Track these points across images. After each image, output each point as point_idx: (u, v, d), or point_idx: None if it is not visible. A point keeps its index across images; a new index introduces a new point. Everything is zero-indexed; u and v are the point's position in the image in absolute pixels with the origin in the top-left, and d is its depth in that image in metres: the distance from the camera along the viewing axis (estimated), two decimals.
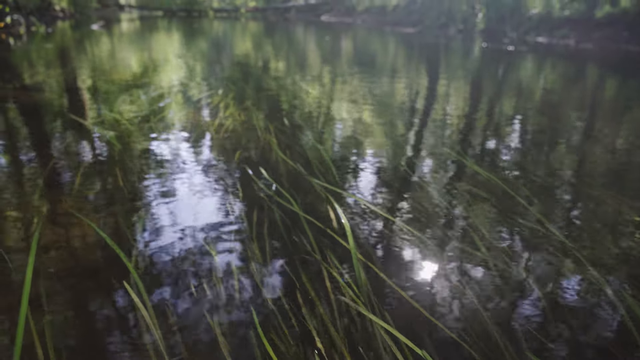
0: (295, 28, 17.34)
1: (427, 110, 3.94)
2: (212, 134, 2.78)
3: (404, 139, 2.91)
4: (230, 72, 5.98)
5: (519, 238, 1.67)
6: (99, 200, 1.83)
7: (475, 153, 2.77)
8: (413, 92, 4.74)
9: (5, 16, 12.44)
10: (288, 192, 1.95)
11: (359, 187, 2.08)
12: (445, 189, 2.14)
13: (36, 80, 4.51)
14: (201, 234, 1.60)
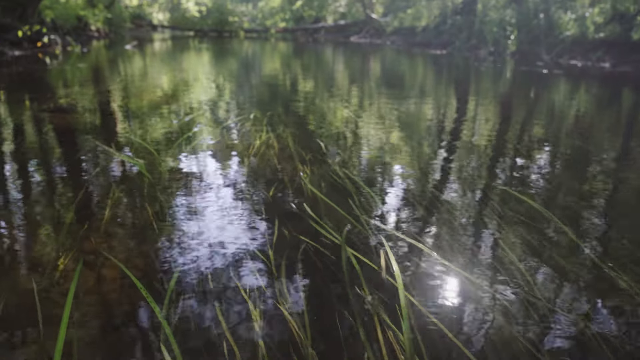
0: (324, 48, 17.40)
1: (459, 133, 3.84)
2: (245, 164, 2.69)
3: (437, 164, 2.80)
4: (260, 93, 5.96)
5: (570, 273, 1.54)
6: (129, 238, 1.76)
7: (506, 177, 2.70)
8: (445, 114, 4.63)
9: (42, 36, 12.73)
10: (331, 230, 1.86)
11: (405, 222, 1.97)
12: (480, 215, 2.03)
13: (70, 101, 4.52)
14: (235, 278, 1.51)
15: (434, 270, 1.60)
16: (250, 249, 1.70)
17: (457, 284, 1.53)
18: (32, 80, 6.40)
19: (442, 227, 1.95)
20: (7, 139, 3.15)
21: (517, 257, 1.71)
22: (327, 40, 22.29)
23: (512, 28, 14.21)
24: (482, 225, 1.99)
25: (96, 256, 1.60)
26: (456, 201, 2.25)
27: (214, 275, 1.52)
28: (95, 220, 1.88)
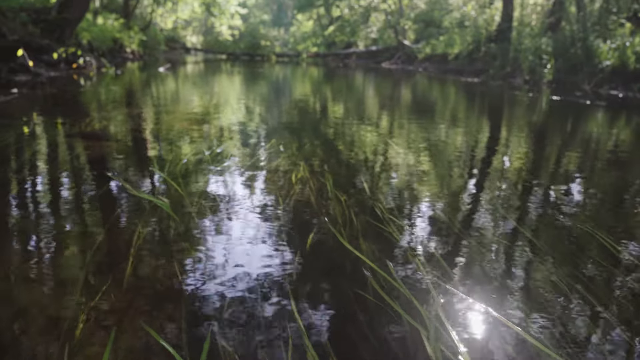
0: (355, 74, 17.34)
1: (492, 162, 3.63)
2: (279, 207, 2.47)
3: (493, 208, 2.56)
4: (292, 119, 5.81)
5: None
6: (153, 297, 1.56)
7: (537, 211, 2.59)
8: (492, 146, 4.40)
9: (78, 58, 12.93)
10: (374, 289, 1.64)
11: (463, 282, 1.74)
12: (509, 252, 1.80)
13: (100, 126, 4.43)
14: (276, 349, 1.31)
15: (503, 338, 1.36)
16: (290, 315, 1.49)
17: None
18: (65, 103, 6.39)
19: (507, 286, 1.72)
20: (29, 167, 3.01)
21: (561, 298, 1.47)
22: (358, 66, 22.27)
23: (549, 56, 13.91)
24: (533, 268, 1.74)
25: (119, 320, 1.42)
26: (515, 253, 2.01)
27: (246, 343, 1.32)
28: (117, 272, 1.70)
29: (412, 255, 1.93)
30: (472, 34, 19.13)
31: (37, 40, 11.84)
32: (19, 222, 2.15)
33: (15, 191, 2.56)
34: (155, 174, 2.91)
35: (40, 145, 3.70)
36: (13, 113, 5.12)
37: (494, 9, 19.96)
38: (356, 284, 1.67)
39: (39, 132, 4.22)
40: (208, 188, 2.71)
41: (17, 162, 3.14)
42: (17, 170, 2.94)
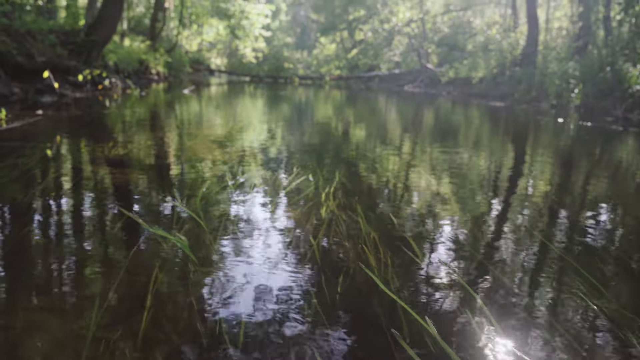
0: (377, 97, 17.27)
1: (530, 192, 3.48)
2: (307, 247, 2.31)
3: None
4: (316, 144, 5.67)
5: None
6: (171, 355, 1.42)
7: (562, 238, 2.53)
8: (515, 171, 4.23)
9: (104, 79, 13.08)
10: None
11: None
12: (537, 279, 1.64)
13: (121, 152, 4.34)
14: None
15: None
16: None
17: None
18: (88, 125, 6.37)
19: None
20: (43, 197, 2.89)
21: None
22: (380, 89, 22.22)
23: (576, 81, 13.66)
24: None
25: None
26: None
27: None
28: (132, 323, 1.56)
29: (451, 302, 1.77)
30: (497, 57, 18.97)
31: (64, 61, 12.01)
32: (25, 261, 2.03)
33: (24, 224, 2.44)
34: (176, 207, 2.77)
35: (58, 172, 3.62)
36: (36, 135, 5.09)
37: (519, 32, 19.80)
38: (391, 335, 1.52)
39: (58, 157, 4.16)
40: (231, 224, 2.56)
41: (32, 190, 3.03)
42: (30, 200, 2.83)
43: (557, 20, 22.41)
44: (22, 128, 5.32)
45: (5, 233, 2.34)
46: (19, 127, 5.33)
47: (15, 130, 5.16)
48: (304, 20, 54.00)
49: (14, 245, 2.17)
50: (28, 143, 4.52)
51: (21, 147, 4.30)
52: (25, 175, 3.33)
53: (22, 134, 5.02)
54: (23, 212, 2.60)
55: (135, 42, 21.96)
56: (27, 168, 3.51)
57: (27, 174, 3.36)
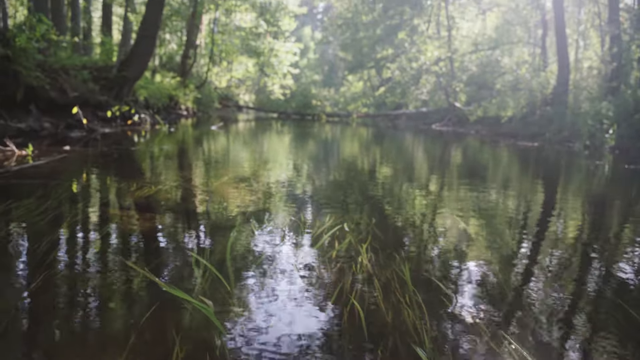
0: (404, 135, 17.13)
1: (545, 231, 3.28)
2: (340, 312, 2.11)
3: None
4: (344, 185, 5.47)
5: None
6: None
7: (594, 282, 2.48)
8: (554, 214, 3.99)
9: (133, 115, 13.24)
10: None
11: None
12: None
13: (145, 192, 4.25)
14: None
15: None
16: None
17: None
18: (114, 163, 6.30)
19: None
20: (54, 247, 2.76)
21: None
22: (408, 127, 22.10)
23: (610, 121, 13.33)
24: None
25: None
26: None
27: None
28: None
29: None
30: (526, 96, 18.74)
31: (96, 96, 12.21)
32: (22, 326, 1.89)
33: (32, 276, 2.30)
34: (199, 262, 2.56)
35: (77, 216, 3.49)
36: (60, 174, 5.02)
37: (549, 72, 19.59)
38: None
39: (79, 199, 4.05)
40: (260, 284, 2.35)
41: (45, 237, 2.90)
42: (41, 248, 2.70)
43: (586, 60, 22.16)
44: (47, 165, 5.29)
45: (8, 288, 2.20)
46: (44, 164, 5.30)
47: (40, 168, 5.12)
48: (331, 58, 54.67)
49: (16, 300, 2.03)
50: (51, 181, 4.45)
51: (43, 186, 4.23)
52: (41, 219, 3.22)
53: (47, 172, 4.98)
54: (32, 262, 2.48)
55: (166, 78, 22.36)
56: (44, 210, 3.41)
57: (43, 217, 3.26)
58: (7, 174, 4.54)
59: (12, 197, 3.75)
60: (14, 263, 2.45)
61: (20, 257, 2.56)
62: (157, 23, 14.99)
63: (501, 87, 22.22)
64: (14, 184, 4.31)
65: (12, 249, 2.65)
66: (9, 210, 3.35)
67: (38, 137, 8.41)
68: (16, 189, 4.18)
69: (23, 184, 4.36)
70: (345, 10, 37.90)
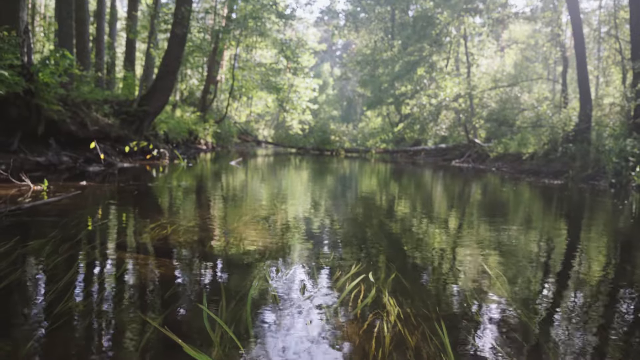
0: (423, 171, 16.92)
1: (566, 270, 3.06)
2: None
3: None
4: (362, 224, 5.23)
5: None
6: None
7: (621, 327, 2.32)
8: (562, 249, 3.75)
9: (152, 149, 13.27)
10: None
11: None
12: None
13: (159, 233, 4.10)
14: None
15: None
16: None
17: None
18: (129, 200, 6.19)
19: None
20: (58, 298, 2.56)
21: None
22: (427, 163, 21.90)
23: (636, 159, 13.01)
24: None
25: None
26: None
27: None
28: None
29: None
30: (548, 133, 18.49)
31: (116, 130, 12.27)
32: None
33: (29, 334, 2.15)
34: (212, 319, 2.35)
35: (86, 259, 3.33)
36: (73, 211, 4.88)
37: (570, 108, 19.37)
38: None
39: (89, 240, 3.87)
40: (276, 346, 2.15)
41: (48, 283, 2.75)
42: (43, 298, 2.55)
43: (607, 96, 21.91)
44: (61, 202, 5.18)
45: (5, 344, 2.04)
46: (58, 201, 5.20)
47: (53, 205, 5.01)
48: (350, 94, 55.07)
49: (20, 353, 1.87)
50: (63, 219, 4.32)
51: (54, 224, 4.11)
52: (48, 263, 3.08)
53: (60, 209, 4.87)
54: (35, 316, 2.32)
55: (186, 113, 22.60)
56: (51, 252, 3.27)
57: (49, 261, 3.11)
58: (19, 211, 4.43)
59: (20, 236, 3.62)
60: (15, 318, 2.30)
61: (23, 307, 2.40)
62: (178, 59, 15.16)
63: (522, 123, 22.02)
64: (25, 222, 4.19)
65: (13, 297, 2.50)
66: (12, 251, 3.20)
67: (56, 171, 8.40)
68: (26, 228, 4.06)
69: (34, 221, 4.25)
70: (365, 47, 38.28)
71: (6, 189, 5.75)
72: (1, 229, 3.83)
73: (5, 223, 4.02)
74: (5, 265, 2.90)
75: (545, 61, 33.38)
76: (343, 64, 44.80)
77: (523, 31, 36.23)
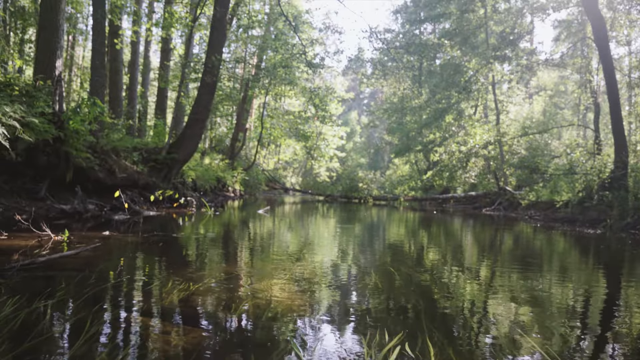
0: (453, 220, 16.50)
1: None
2: None
3: None
4: (391, 279, 4.91)
5: None
6: None
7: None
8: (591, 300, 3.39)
9: (180, 197, 13.23)
10: None
11: None
12: None
13: (181, 293, 3.88)
14: None
15: None
16: None
17: None
18: (152, 252, 5.96)
19: None
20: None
21: None
22: (456, 211, 21.43)
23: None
24: None
25: None
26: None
27: None
28: None
29: None
30: (582, 181, 17.97)
31: (144, 178, 12.30)
32: None
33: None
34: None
35: (95, 323, 3.06)
36: (91, 265, 4.67)
37: (605, 155, 18.86)
38: None
39: (102, 299, 3.62)
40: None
41: (50, 355, 2.53)
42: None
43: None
44: (80, 255, 5.00)
45: None
46: (76, 254, 5.00)
47: (71, 258, 4.83)
48: (377, 141, 55.15)
49: None
50: (78, 275, 4.12)
51: (67, 280, 3.91)
52: (51, 328, 2.88)
53: (77, 263, 4.68)
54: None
55: (214, 160, 22.74)
56: (58, 316, 3.07)
57: (53, 327, 2.91)
58: (32, 265, 4.26)
59: (27, 294, 3.42)
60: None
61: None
62: (208, 107, 15.31)
63: (554, 170, 21.53)
64: (37, 277, 3.99)
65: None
66: (14, 316, 3.00)
67: (81, 219, 8.33)
68: (36, 285, 3.84)
69: (47, 277, 4.05)
70: (392, 95, 38.45)
71: (26, 239, 5.63)
72: (8, 287, 3.62)
73: (15, 279, 3.83)
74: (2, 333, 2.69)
75: (576, 107, 32.99)
76: (370, 112, 45.02)
77: (551, 78, 36.05)
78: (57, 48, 11.29)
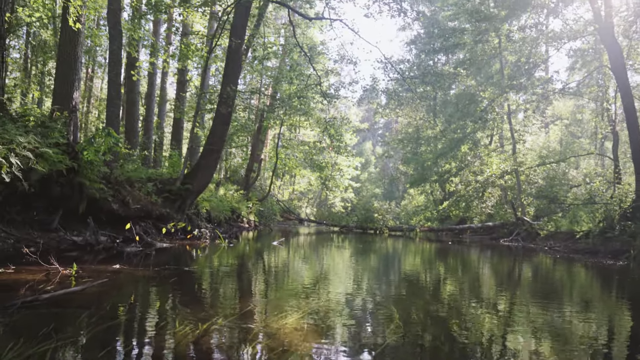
0: (470, 250, 16.16)
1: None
2: None
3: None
4: (407, 316, 4.71)
5: None
6: None
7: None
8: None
9: (193, 229, 13.11)
10: None
11: None
12: None
13: (190, 338, 3.67)
14: None
15: None
16: None
17: None
18: (162, 288, 5.75)
19: None
20: None
21: None
22: (473, 242, 21.06)
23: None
24: None
25: None
26: None
27: None
28: None
29: None
30: (602, 210, 17.57)
31: (158, 208, 12.22)
32: None
33: None
34: None
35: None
36: (98, 302, 4.52)
37: (625, 184, 18.47)
38: None
39: (105, 342, 3.42)
40: None
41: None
42: None
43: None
44: (87, 291, 4.83)
45: None
46: (82, 290, 4.83)
47: (77, 295, 4.67)
48: (392, 171, 54.91)
49: None
50: (81, 313, 3.95)
51: (69, 320, 3.76)
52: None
53: (82, 300, 4.52)
54: None
55: (229, 191, 22.67)
56: (60, 356, 2.91)
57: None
58: (36, 302, 4.11)
59: (23, 336, 3.24)
60: None
61: None
62: (223, 138, 15.29)
63: (573, 200, 21.13)
64: (38, 316, 3.84)
65: None
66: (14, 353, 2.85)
67: (93, 251, 8.22)
68: (35, 324, 3.67)
69: (49, 315, 3.90)
70: (407, 125, 38.38)
71: (33, 272, 5.49)
72: (7, 327, 3.45)
73: (14, 318, 3.67)
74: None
75: (593, 136, 32.62)
76: (385, 142, 44.95)
77: (567, 107, 35.78)
78: (75, 80, 11.41)
